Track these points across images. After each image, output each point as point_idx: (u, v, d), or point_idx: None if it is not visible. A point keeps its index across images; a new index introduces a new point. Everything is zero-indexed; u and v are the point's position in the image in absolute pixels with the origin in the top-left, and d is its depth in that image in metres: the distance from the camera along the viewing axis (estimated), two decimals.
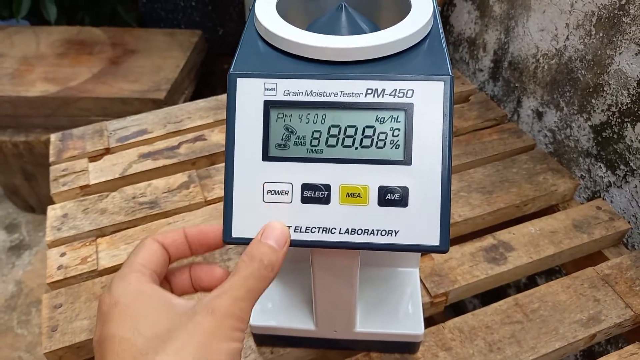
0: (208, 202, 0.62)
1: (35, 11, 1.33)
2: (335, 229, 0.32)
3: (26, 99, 1.09)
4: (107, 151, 0.70)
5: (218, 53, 1.42)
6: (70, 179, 0.65)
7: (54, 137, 0.72)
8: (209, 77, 1.35)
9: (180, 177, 0.65)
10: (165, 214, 0.61)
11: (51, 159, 0.68)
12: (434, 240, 0.32)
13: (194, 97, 1.18)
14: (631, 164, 0.60)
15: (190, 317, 0.28)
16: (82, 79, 1.13)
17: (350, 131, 0.32)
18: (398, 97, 0.32)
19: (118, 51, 1.22)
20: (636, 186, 0.60)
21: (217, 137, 0.71)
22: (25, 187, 1.28)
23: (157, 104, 1.06)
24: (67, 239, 0.58)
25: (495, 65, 0.79)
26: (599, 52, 0.60)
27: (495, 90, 0.81)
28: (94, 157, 0.69)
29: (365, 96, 0.32)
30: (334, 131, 0.32)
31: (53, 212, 0.61)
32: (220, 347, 0.28)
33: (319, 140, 0.32)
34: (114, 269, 0.55)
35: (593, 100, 0.63)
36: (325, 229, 0.32)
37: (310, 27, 0.36)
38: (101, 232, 0.59)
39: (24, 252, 1.32)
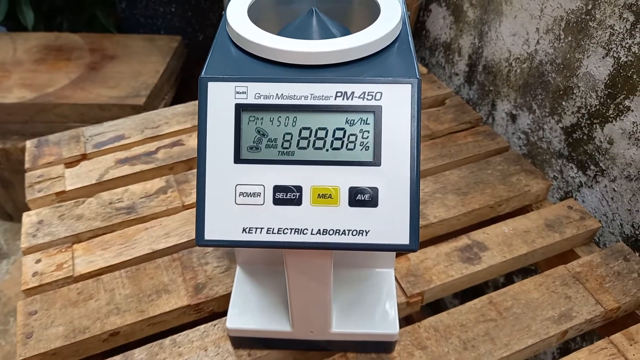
0: (185, 207, 0.62)
1: (12, 16, 1.31)
2: (307, 229, 0.32)
3: (3, 105, 1.08)
4: (84, 157, 0.69)
5: (198, 58, 1.42)
6: (46, 185, 0.65)
7: (29, 143, 0.71)
8: (189, 83, 1.35)
9: (157, 182, 0.65)
10: (143, 219, 0.60)
11: (26, 165, 0.67)
12: (404, 239, 0.32)
13: (174, 102, 1.18)
14: (601, 164, 0.62)
15: None
16: (60, 85, 1.12)
17: (321, 133, 0.32)
18: (367, 99, 0.32)
19: (96, 57, 1.21)
20: (606, 186, 0.62)
21: (195, 142, 0.71)
22: (2, 195, 1.26)
23: (137, 110, 1.05)
24: (43, 246, 0.58)
25: (470, 70, 0.81)
26: (568, 55, 0.62)
27: (470, 93, 0.82)
28: (70, 163, 0.68)
29: (335, 99, 0.32)
30: (305, 133, 0.32)
31: (28, 218, 0.61)
32: None
33: (290, 143, 0.32)
34: (90, 275, 0.54)
35: (563, 103, 0.65)
36: (297, 230, 0.33)
37: (281, 32, 0.36)
38: (77, 238, 0.59)
39: (2, 261, 1.30)
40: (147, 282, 0.53)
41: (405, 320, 0.57)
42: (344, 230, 0.32)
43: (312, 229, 0.32)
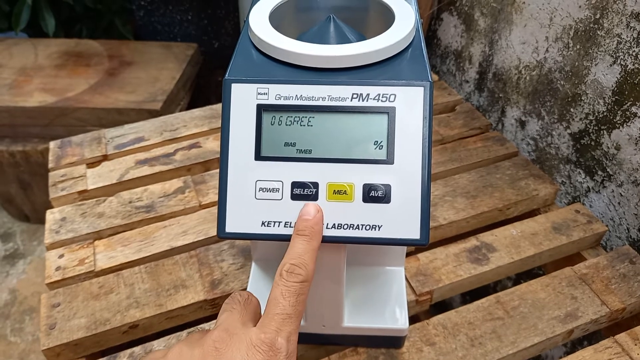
0: (202, 207, 0.64)
1: (34, 24, 1.35)
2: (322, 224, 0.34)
3: (24, 109, 1.11)
4: (105, 158, 0.72)
5: (213, 66, 1.45)
6: (69, 184, 0.67)
7: (52, 144, 0.74)
8: (204, 89, 1.38)
9: (175, 183, 0.67)
10: (161, 218, 0.63)
11: (50, 165, 0.70)
12: (415, 234, 0.34)
13: (189, 108, 1.20)
14: (608, 170, 0.63)
15: None
16: (79, 90, 1.15)
17: (337, 133, 0.34)
18: (381, 101, 0.34)
19: (115, 63, 1.24)
20: (613, 191, 0.63)
21: (211, 144, 0.73)
22: (21, 196, 1.30)
23: (153, 115, 1.08)
24: (65, 242, 0.60)
25: (481, 77, 0.82)
26: (577, 63, 0.64)
27: (480, 100, 0.84)
28: (92, 164, 0.71)
29: (351, 100, 0.34)
30: (322, 133, 0.34)
31: (52, 215, 0.63)
32: None
33: (308, 141, 0.34)
34: (111, 270, 0.57)
35: (572, 110, 0.66)
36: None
37: (300, 37, 0.38)
38: (98, 235, 0.61)
39: (19, 261, 1.33)
40: (165, 277, 0.55)
41: (414, 320, 0.58)
42: (358, 225, 0.34)
43: (328, 224, 0.34)
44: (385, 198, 0.34)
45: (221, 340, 0.29)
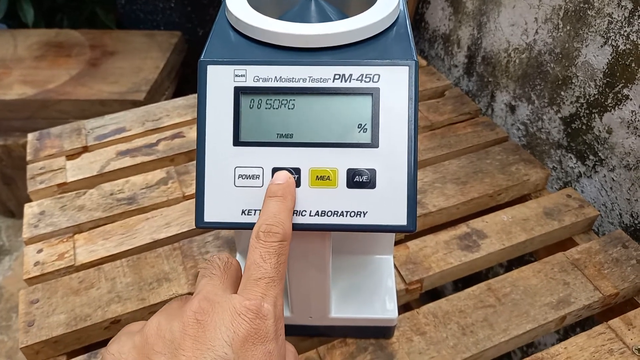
0: (186, 197, 0.62)
1: (13, 14, 1.32)
2: (305, 211, 0.33)
3: (4, 102, 1.09)
4: (85, 149, 0.70)
5: (198, 54, 1.42)
6: (48, 176, 0.65)
7: (31, 136, 0.72)
8: (189, 78, 1.35)
9: (158, 174, 0.65)
10: (144, 210, 0.61)
11: (28, 158, 0.68)
12: (402, 220, 0.32)
13: (174, 97, 1.18)
14: (600, 154, 0.62)
15: None
16: (61, 81, 1.12)
17: (319, 116, 0.33)
18: (365, 82, 0.33)
19: (97, 53, 1.22)
20: (605, 175, 0.62)
21: (195, 134, 0.71)
22: (4, 192, 1.27)
23: (137, 105, 1.05)
24: (44, 236, 0.58)
25: (469, 61, 0.81)
26: (567, 45, 0.62)
27: (470, 85, 0.82)
28: (72, 156, 0.69)
29: (333, 81, 0.33)
30: (303, 116, 0.33)
31: (30, 209, 0.61)
32: None
33: (289, 125, 0.33)
34: (92, 264, 0.55)
35: (562, 93, 0.65)
36: (296, 212, 0.33)
37: (281, 18, 0.36)
38: (79, 229, 0.59)
39: (4, 257, 1.30)
40: (148, 270, 0.53)
41: (404, 308, 0.57)
42: (342, 212, 0.33)
43: (311, 211, 0.33)
44: (370, 183, 0.32)
45: (202, 311, 0.27)
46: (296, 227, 0.33)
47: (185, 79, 1.33)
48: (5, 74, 1.15)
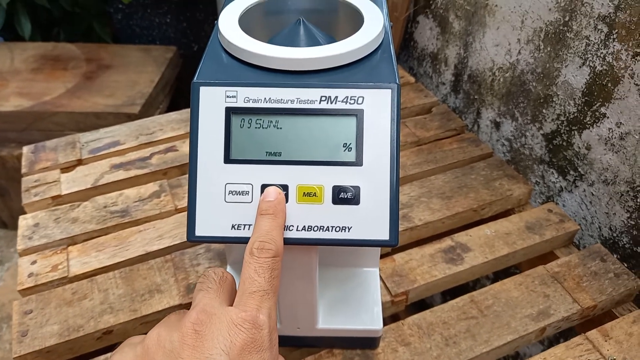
0: (178, 210, 0.63)
1: (10, 27, 1.33)
2: (292, 226, 0.34)
3: (0, 113, 1.10)
4: (79, 162, 0.71)
5: (193, 69, 1.44)
6: (42, 189, 0.66)
7: (26, 149, 0.73)
8: (183, 93, 1.37)
9: (151, 187, 0.66)
10: (136, 222, 0.62)
11: (23, 170, 0.69)
12: (384, 235, 0.34)
13: (168, 111, 1.20)
14: (579, 170, 0.64)
15: None
16: (57, 94, 1.14)
17: (306, 135, 0.35)
18: (350, 103, 0.34)
19: (93, 66, 1.23)
20: (585, 190, 0.64)
21: (188, 148, 0.73)
22: None
23: (132, 118, 1.07)
24: (38, 248, 0.59)
25: (456, 79, 0.83)
26: (547, 65, 0.65)
27: (456, 102, 0.85)
28: (66, 169, 0.70)
29: (320, 103, 0.34)
30: (291, 135, 0.34)
31: (24, 221, 0.62)
32: None
33: (277, 144, 0.34)
34: (85, 276, 0.56)
35: (544, 110, 0.67)
36: (283, 227, 0.34)
37: (270, 41, 0.38)
38: (72, 241, 0.60)
39: None
40: (140, 282, 0.55)
41: (391, 319, 0.58)
42: (328, 227, 0.34)
43: (298, 226, 0.34)
44: (354, 200, 0.34)
45: (200, 322, 0.28)
46: (284, 242, 0.34)
47: (179, 93, 1.34)
48: (1, 86, 1.16)
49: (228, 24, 0.38)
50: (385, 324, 0.49)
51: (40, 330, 0.50)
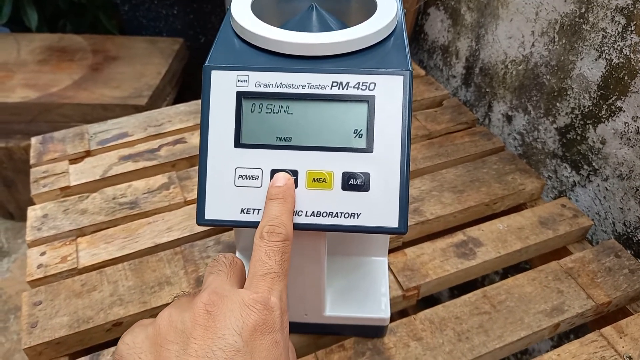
0: (187, 203, 0.63)
1: (16, 18, 1.33)
2: (302, 211, 0.34)
3: (7, 105, 1.10)
4: (88, 154, 0.70)
5: (200, 61, 1.44)
6: (51, 180, 0.66)
7: (34, 140, 0.73)
8: (191, 85, 1.37)
9: (160, 179, 0.66)
10: (145, 214, 0.61)
11: (32, 161, 0.69)
12: (393, 222, 0.33)
13: (175, 103, 1.19)
14: (594, 164, 0.63)
15: None
16: (63, 85, 1.13)
17: (317, 121, 0.34)
18: (361, 89, 0.34)
19: (99, 58, 1.23)
20: (599, 185, 0.63)
21: (196, 140, 0.72)
22: (5, 194, 1.28)
23: (138, 110, 1.06)
24: (48, 239, 0.59)
25: (467, 72, 0.82)
26: (562, 57, 0.64)
27: (467, 95, 0.83)
28: (75, 160, 0.69)
29: (331, 88, 0.34)
30: (302, 121, 0.34)
31: (33, 212, 0.62)
32: None
33: (288, 129, 0.34)
34: (94, 267, 0.56)
35: (558, 104, 0.66)
36: (293, 212, 0.34)
37: (283, 26, 0.38)
38: (81, 232, 0.60)
39: (3, 259, 1.31)
40: (149, 274, 0.54)
41: (400, 314, 0.58)
42: (337, 213, 0.34)
43: (307, 211, 0.34)
44: (364, 186, 0.33)
45: (212, 303, 0.28)
46: (293, 227, 0.34)
47: (186, 85, 1.34)
48: (8, 78, 1.16)
49: (240, 9, 0.37)
50: (394, 318, 0.48)
51: (50, 322, 0.50)
